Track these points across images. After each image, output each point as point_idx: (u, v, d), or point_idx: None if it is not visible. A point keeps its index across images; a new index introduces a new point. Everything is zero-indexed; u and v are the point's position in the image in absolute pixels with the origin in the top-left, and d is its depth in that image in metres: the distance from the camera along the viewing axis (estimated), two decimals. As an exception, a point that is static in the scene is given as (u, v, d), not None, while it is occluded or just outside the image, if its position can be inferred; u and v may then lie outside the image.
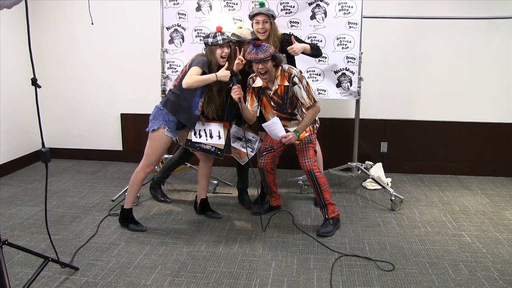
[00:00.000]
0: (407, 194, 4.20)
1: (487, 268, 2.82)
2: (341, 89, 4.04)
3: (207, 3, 3.94)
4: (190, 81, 3.10)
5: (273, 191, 3.68)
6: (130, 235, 3.28)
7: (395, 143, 4.85)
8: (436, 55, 4.66)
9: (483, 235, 3.33)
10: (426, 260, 2.93)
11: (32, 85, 2.25)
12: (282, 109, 3.33)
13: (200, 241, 3.19)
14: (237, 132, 3.56)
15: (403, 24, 4.55)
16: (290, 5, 3.87)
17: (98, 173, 4.85)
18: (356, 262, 2.90)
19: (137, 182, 3.33)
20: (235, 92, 3.17)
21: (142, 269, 2.79)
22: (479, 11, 4.44)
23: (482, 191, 4.31)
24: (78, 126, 5.28)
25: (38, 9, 4.95)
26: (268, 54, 3.06)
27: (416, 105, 4.79)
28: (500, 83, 4.64)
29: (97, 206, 3.85)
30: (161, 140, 3.25)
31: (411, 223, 3.54)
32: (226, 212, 3.74)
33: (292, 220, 3.57)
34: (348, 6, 3.86)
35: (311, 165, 3.28)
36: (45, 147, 2.31)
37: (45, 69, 5.08)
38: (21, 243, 3.06)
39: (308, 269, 2.80)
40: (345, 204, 3.94)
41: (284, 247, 3.10)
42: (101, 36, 4.98)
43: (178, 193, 4.24)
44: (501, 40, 4.55)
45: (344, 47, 3.94)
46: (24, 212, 3.71)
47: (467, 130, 4.74)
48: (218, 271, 2.77)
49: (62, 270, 2.73)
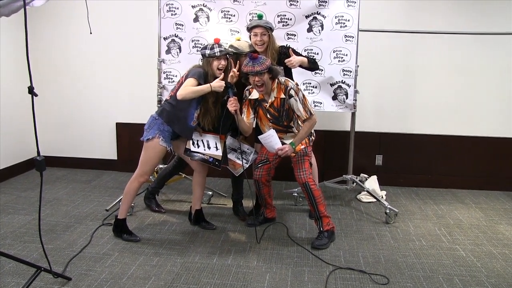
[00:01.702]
0: (401, 207, 4.20)
1: (482, 282, 2.82)
2: (337, 101, 4.06)
3: (204, 14, 3.97)
4: (184, 92, 3.10)
5: (268, 203, 3.67)
6: (124, 245, 3.25)
7: (390, 156, 4.87)
8: (432, 69, 4.70)
9: (477, 249, 3.33)
10: (420, 274, 2.92)
11: (28, 93, 2.25)
12: (278, 121, 3.34)
13: (194, 252, 3.17)
14: (232, 143, 3.56)
15: (399, 37, 4.59)
16: (287, 18, 3.90)
17: (93, 182, 4.82)
18: (350, 275, 2.88)
19: (131, 191, 3.31)
20: (231, 104, 3.18)
21: (135, 280, 2.76)
22: (476, 26, 4.50)
23: (476, 205, 4.32)
24: (73, 134, 5.26)
25: (35, 18, 4.96)
26: (264, 67, 3.08)
27: (411, 118, 4.82)
28: (496, 97, 4.68)
29: (90, 216, 3.82)
30: (155, 149, 3.24)
31: (405, 236, 3.54)
32: (220, 223, 3.72)
33: (287, 232, 3.56)
34: (345, 20, 3.90)
35: (306, 177, 3.27)
36: (40, 155, 2.30)
37: (41, 77, 5.07)
38: (13, 252, 3.03)
39: (302, 282, 2.78)
40: (339, 217, 3.94)
41: (279, 259, 3.09)
42: (98, 45, 4.99)
43: (173, 203, 4.22)
44: (497, 54, 4.60)
45: (340, 60, 3.97)
46: (16, 220, 3.67)
47: (462, 144, 4.76)
48: (212, 283, 2.75)
49: (55, 280, 2.69)
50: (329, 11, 3.89)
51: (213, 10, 3.95)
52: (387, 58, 4.72)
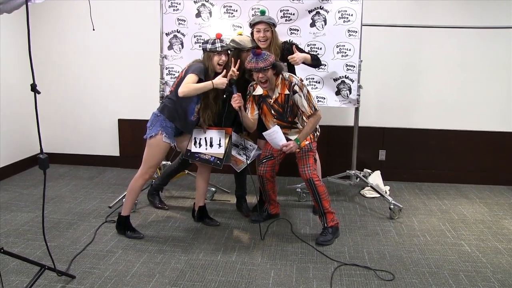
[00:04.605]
0: (405, 202, 4.19)
1: (488, 278, 2.81)
2: (340, 97, 4.03)
3: (207, 9, 3.94)
4: (186, 89, 3.07)
5: (272, 199, 3.66)
6: (128, 243, 3.25)
7: (393, 151, 4.85)
8: (435, 63, 4.67)
9: (483, 244, 3.31)
10: (426, 269, 2.91)
11: (31, 90, 2.23)
12: (282, 117, 3.31)
13: (198, 249, 3.16)
14: (235, 139, 3.54)
15: (402, 32, 4.56)
16: (290, 13, 3.86)
17: (95, 178, 4.81)
18: (355, 272, 2.87)
19: (136, 189, 3.30)
20: (235, 101, 3.16)
21: (139, 278, 2.75)
22: (479, 20, 4.46)
23: (480, 200, 4.30)
24: (76, 131, 5.24)
25: (37, 15, 4.93)
26: (268, 63, 3.05)
27: (415, 113, 4.79)
28: (499, 91, 4.66)
29: (94, 213, 3.81)
30: (159, 146, 3.23)
31: (410, 232, 3.53)
32: (224, 220, 3.71)
33: (291, 229, 3.55)
34: (348, 14, 3.86)
35: (311, 173, 3.26)
36: (44, 153, 2.28)
37: (43, 73, 5.05)
38: (17, 250, 3.03)
39: (307, 279, 2.77)
40: (343, 212, 3.92)
41: (283, 256, 3.08)
42: (100, 41, 4.96)
43: (176, 200, 4.21)
44: (500, 48, 4.57)
45: (343, 55, 3.94)
46: (19, 218, 3.66)
47: (466, 139, 4.74)
48: (217, 280, 2.74)
49: (59, 279, 2.69)
50: (332, 6, 3.85)
51: (215, 5, 3.91)
52: (391, 53, 4.69)
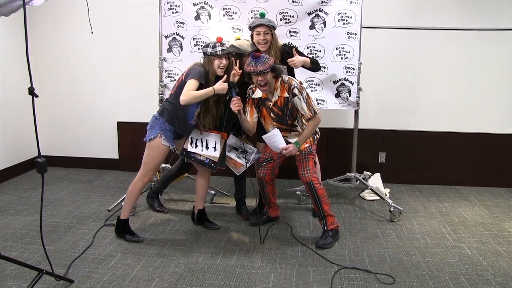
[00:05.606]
0: (405, 205, 4.17)
1: (489, 281, 2.79)
2: (340, 99, 4.02)
3: (206, 12, 3.93)
4: (188, 97, 3.03)
5: (271, 202, 3.64)
6: (127, 246, 3.23)
7: (393, 153, 4.84)
8: (435, 65, 4.66)
9: (483, 247, 3.30)
10: (426, 273, 2.90)
11: (29, 94, 2.22)
12: (282, 120, 3.30)
13: (198, 253, 3.15)
14: (235, 142, 3.52)
15: (402, 34, 4.54)
16: (289, 15, 3.86)
17: (94, 181, 4.79)
18: (356, 275, 2.86)
19: (135, 192, 3.28)
20: (235, 104, 3.14)
21: (138, 282, 2.74)
22: (479, 22, 4.45)
23: (480, 202, 4.29)
24: (75, 134, 5.23)
25: (35, 18, 4.92)
26: (267, 66, 3.04)
27: (414, 115, 4.78)
28: (499, 93, 4.65)
29: (92, 216, 3.79)
30: (158, 149, 3.21)
31: (410, 234, 3.51)
32: (223, 223, 3.70)
33: (291, 232, 3.53)
34: (347, 17, 3.86)
35: (311, 176, 3.24)
36: (42, 157, 2.26)
37: (42, 76, 5.04)
38: (14, 254, 3.01)
39: (307, 282, 2.76)
40: (343, 215, 3.91)
41: (283, 259, 3.06)
42: (99, 44, 4.95)
43: (175, 203, 4.19)
44: (500, 50, 4.56)
45: (343, 57, 3.93)
46: (17, 221, 3.64)
47: (465, 141, 4.73)
48: (216, 284, 2.72)
49: (57, 283, 2.67)
50: (331, 8, 3.85)
51: (215, 7, 3.91)
52: (390, 55, 4.68)
